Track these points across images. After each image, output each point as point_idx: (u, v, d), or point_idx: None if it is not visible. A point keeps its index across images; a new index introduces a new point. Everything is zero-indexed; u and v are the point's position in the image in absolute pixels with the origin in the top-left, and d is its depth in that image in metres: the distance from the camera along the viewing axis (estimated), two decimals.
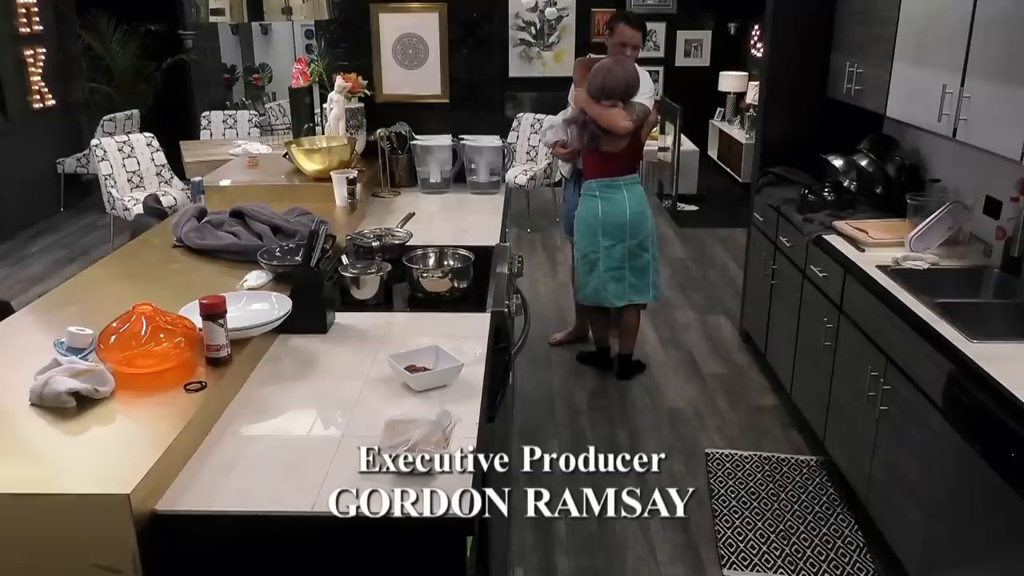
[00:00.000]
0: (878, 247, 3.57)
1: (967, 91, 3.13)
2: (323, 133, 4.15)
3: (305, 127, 4.18)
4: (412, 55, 4.34)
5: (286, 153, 3.92)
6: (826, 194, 4.13)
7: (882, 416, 3.11)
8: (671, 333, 5.35)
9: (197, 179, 3.48)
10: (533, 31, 10.35)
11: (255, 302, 2.39)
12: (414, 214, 3.56)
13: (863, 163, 4.14)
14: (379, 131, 4.13)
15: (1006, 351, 2.61)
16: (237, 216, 3.02)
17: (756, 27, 9.70)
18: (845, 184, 4.23)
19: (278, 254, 2.73)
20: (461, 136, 4.28)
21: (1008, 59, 2.92)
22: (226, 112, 8.27)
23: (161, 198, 4.43)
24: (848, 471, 3.49)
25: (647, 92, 4.22)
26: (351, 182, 3.50)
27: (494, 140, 4.27)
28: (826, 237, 3.76)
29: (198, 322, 2.09)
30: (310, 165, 3.69)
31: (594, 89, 4.07)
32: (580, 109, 4.15)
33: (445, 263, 2.88)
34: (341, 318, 2.57)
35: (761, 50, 6.07)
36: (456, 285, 2.74)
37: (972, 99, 3.11)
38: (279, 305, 2.36)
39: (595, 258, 4.32)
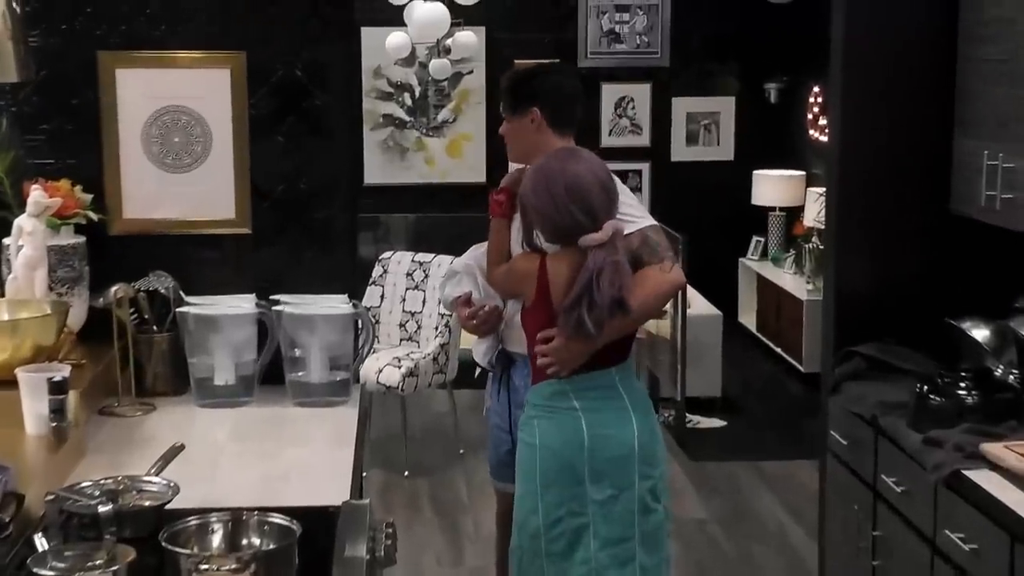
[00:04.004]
0: None
1: None
2: (2, 295, 4.10)
3: None
4: (181, 146, 4.38)
5: None
6: (963, 393, 4.22)
7: None
8: None
9: None
10: (408, 100, 10.72)
11: None
12: (183, 447, 3.49)
13: None
14: (115, 288, 4.09)
15: None
16: None
17: (815, 88, 10.20)
18: (997, 372, 4.34)
19: None
20: (275, 297, 4.27)
21: None
22: None
23: None
24: None
25: (631, 202, 4.33)
26: (58, 388, 3.44)
27: (338, 304, 4.28)
28: (969, 475, 3.82)
29: None
30: None
31: (541, 219, 4.13)
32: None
33: (243, 542, 2.82)
34: None
35: (827, 131, 6.36)
36: None
37: None
38: None
39: (579, 525, 4.23)
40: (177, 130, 4.37)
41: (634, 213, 4.25)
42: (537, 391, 4.27)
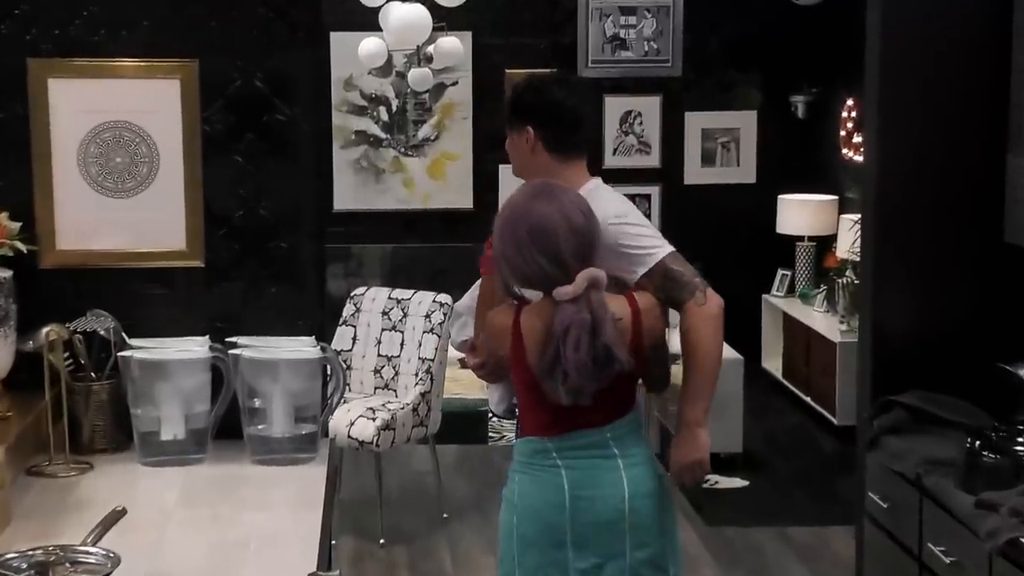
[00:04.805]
0: None
1: None
2: None
3: None
4: (124, 167, 4.36)
5: None
6: (1020, 449, 4.21)
7: None
8: None
9: None
10: (384, 115, 10.72)
11: None
12: (125, 512, 3.48)
13: None
14: (47, 330, 4.08)
15: None
16: None
17: (849, 101, 10.22)
18: None
19: None
20: (231, 339, 4.26)
21: None
22: None
23: None
24: None
25: (644, 231, 4.35)
26: None
27: (304, 347, 4.27)
28: None
29: None
30: None
31: (508, 267, 4.11)
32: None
33: None
34: None
35: (862, 150, 6.36)
36: None
37: None
38: None
39: None
40: (119, 149, 4.36)
41: (648, 244, 4.29)
42: (519, 447, 4.31)
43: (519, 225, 4.03)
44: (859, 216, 6.59)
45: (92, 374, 4.21)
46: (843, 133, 10.31)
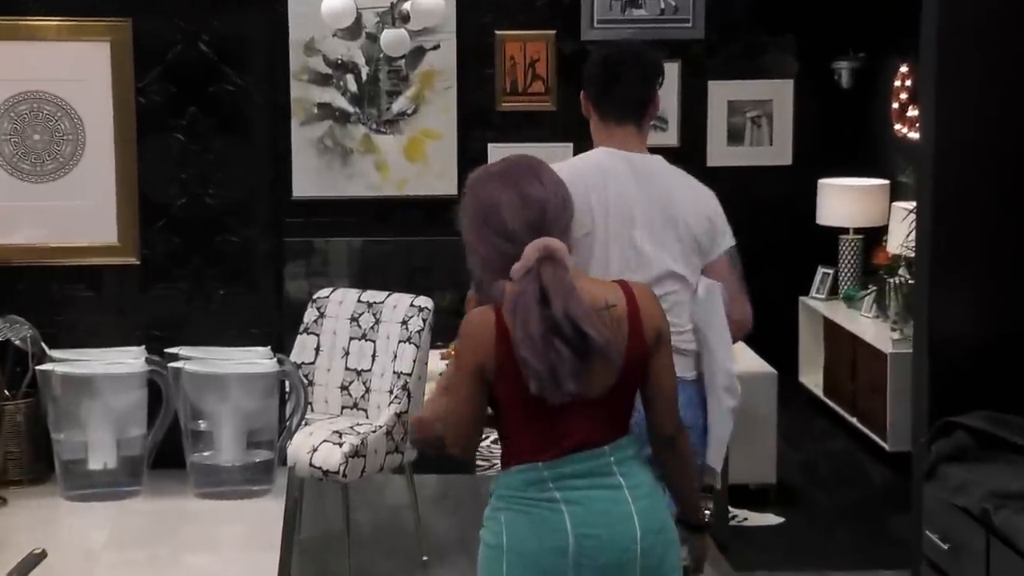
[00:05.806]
0: None
1: None
2: None
3: None
4: (43, 146, 4.36)
5: None
6: None
7: None
8: None
9: None
10: (353, 85, 10.70)
11: None
12: (44, 555, 3.48)
13: None
14: None
15: None
16: None
17: (902, 68, 10.20)
18: None
19: None
20: (172, 350, 4.26)
21: None
22: None
23: None
24: None
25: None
26: None
27: (258, 359, 4.27)
28: None
29: None
30: None
31: (472, 251, 4.14)
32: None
33: None
34: None
35: (918, 126, 6.35)
36: None
37: None
38: None
39: None
40: (38, 124, 4.36)
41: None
42: (505, 479, 4.27)
43: (474, 207, 4.09)
44: (914, 204, 6.59)
45: (6, 392, 4.20)
46: (895, 106, 10.30)
